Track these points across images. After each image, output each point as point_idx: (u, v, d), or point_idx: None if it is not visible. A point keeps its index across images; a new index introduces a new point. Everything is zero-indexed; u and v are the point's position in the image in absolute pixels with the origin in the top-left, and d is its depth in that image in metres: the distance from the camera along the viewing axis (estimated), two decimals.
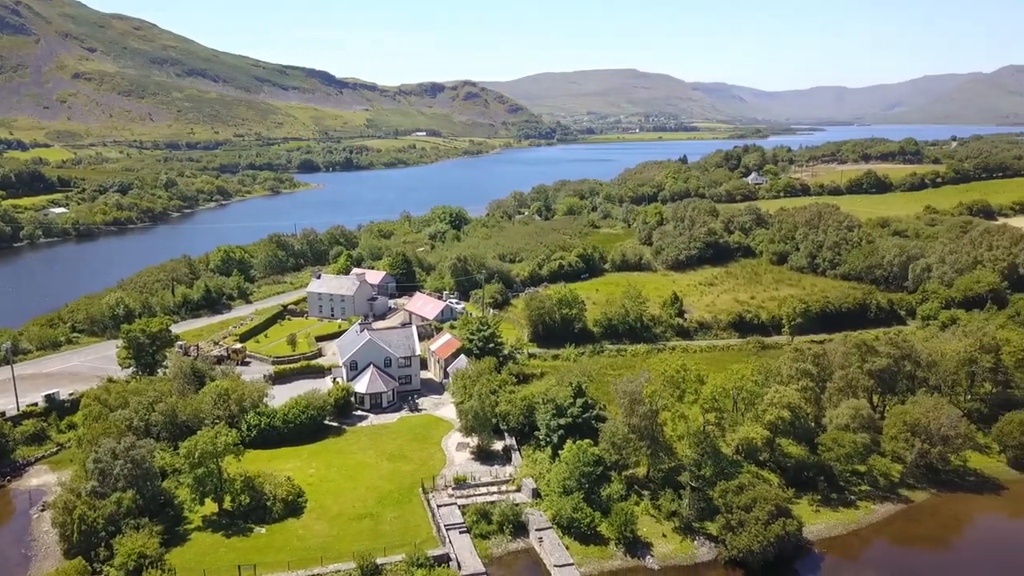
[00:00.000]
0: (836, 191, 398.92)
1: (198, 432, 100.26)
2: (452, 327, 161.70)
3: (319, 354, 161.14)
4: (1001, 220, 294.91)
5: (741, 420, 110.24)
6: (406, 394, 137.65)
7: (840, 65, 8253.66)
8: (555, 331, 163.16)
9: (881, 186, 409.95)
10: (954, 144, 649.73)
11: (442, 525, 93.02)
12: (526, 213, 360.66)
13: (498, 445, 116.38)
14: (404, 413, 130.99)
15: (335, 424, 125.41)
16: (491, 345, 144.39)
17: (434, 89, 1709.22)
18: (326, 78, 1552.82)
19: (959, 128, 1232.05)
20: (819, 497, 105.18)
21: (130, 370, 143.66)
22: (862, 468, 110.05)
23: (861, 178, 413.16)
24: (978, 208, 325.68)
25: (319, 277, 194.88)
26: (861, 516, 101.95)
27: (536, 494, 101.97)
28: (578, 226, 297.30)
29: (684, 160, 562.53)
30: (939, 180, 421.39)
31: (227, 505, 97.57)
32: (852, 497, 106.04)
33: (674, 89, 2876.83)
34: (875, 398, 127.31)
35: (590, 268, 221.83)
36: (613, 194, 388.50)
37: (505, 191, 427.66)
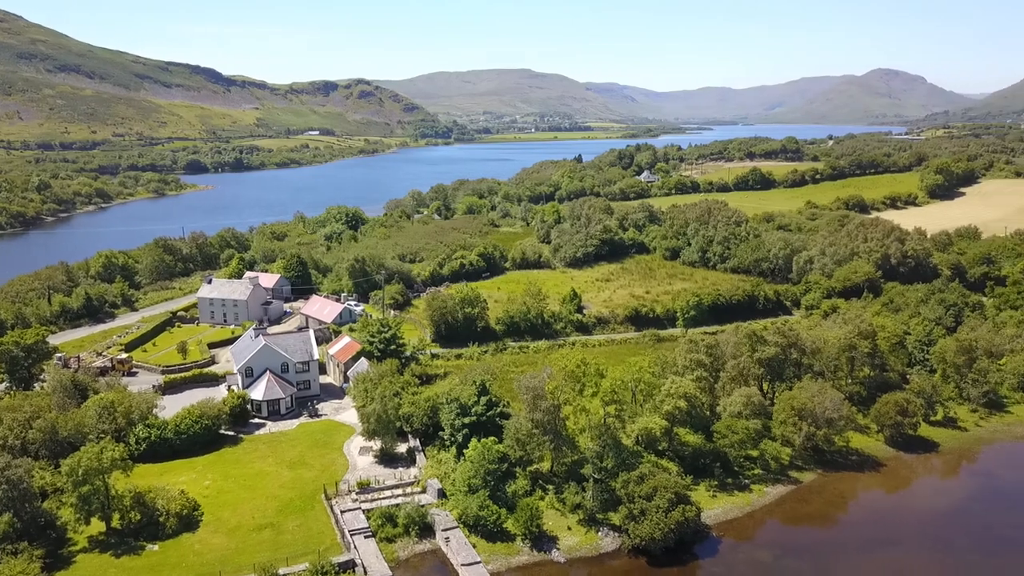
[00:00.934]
0: (724, 188, 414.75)
1: (81, 448, 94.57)
2: (352, 330, 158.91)
3: (212, 361, 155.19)
4: (874, 214, 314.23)
5: (640, 411, 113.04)
6: (305, 400, 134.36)
7: (725, 67, 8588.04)
8: (458, 330, 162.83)
9: (766, 183, 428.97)
10: (830, 143, 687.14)
11: (346, 531, 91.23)
12: (425, 212, 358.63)
13: (402, 447, 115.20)
14: (304, 419, 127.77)
15: (231, 433, 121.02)
16: (393, 347, 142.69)
17: (327, 87, 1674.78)
18: (213, 75, 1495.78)
19: (834, 127, 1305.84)
20: (716, 483, 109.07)
21: (3, 385, 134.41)
22: (755, 453, 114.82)
23: (747, 175, 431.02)
24: (854, 203, 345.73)
25: (210, 282, 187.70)
26: (755, 499, 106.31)
27: (442, 494, 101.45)
28: (478, 225, 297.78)
29: (579, 159, 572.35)
30: (818, 177, 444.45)
31: (116, 523, 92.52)
32: (746, 481, 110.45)
33: (568, 89, 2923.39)
34: (765, 385, 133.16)
35: (491, 267, 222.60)
36: (512, 193, 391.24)
37: (403, 190, 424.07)
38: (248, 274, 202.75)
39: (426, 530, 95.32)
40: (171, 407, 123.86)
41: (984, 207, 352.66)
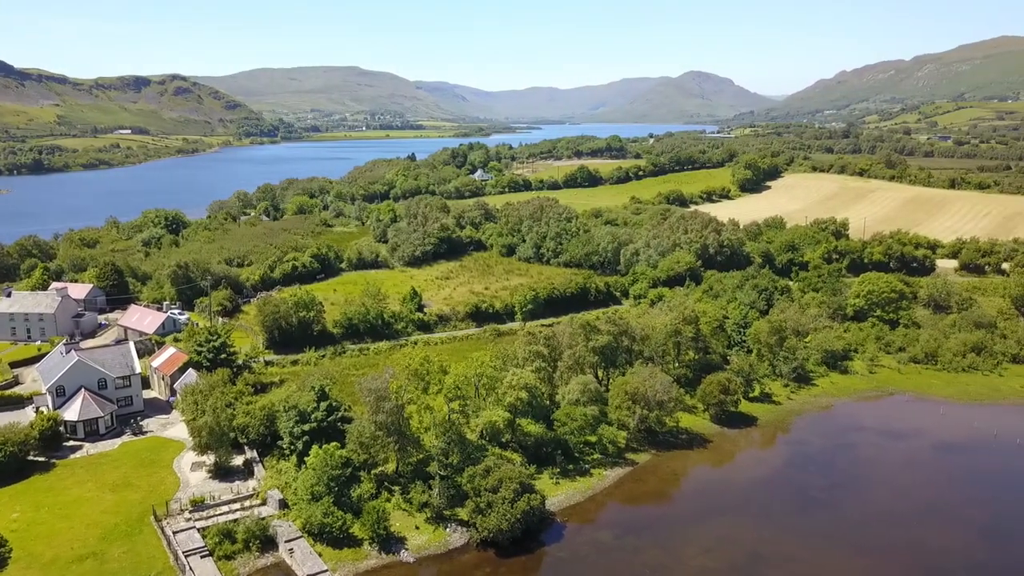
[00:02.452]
0: (555, 186, 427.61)
1: None
2: (176, 340, 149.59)
3: (15, 382, 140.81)
4: (693, 207, 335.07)
5: (484, 405, 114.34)
6: (128, 417, 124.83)
7: (551, 67, 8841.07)
8: (293, 336, 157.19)
9: (593, 180, 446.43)
10: (651, 141, 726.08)
11: (180, 552, 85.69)
12: (252, 214, 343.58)
13: (238, 460, 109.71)
14: (127, 438, 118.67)
15: (42, 459, 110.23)
16: (223, 356, 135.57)
17: (138, 83, 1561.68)
18: (3, 68, 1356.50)
19: (654, 126, 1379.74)
20: (558, 470, 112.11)
21: None
22: (593, 438, 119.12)
23: (575, 173, 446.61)
24: (674, 197, 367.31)
25: (9, 295, 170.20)
26: (595, 483, 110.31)
27: (284, 505, 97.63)
28: (310, 225, 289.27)
29: (413, 158, 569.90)
30: (641, 173, 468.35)
31: None
32: (586, 466, 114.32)
33: (398, 88, 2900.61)
34: (600, 372, 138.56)
35: (326, 268, 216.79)
36: (345, 192, 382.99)
37: (227, 191, 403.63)
38: (55, 285, 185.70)
39: (268, 543, 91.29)
40: None
41: (788, 199, 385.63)
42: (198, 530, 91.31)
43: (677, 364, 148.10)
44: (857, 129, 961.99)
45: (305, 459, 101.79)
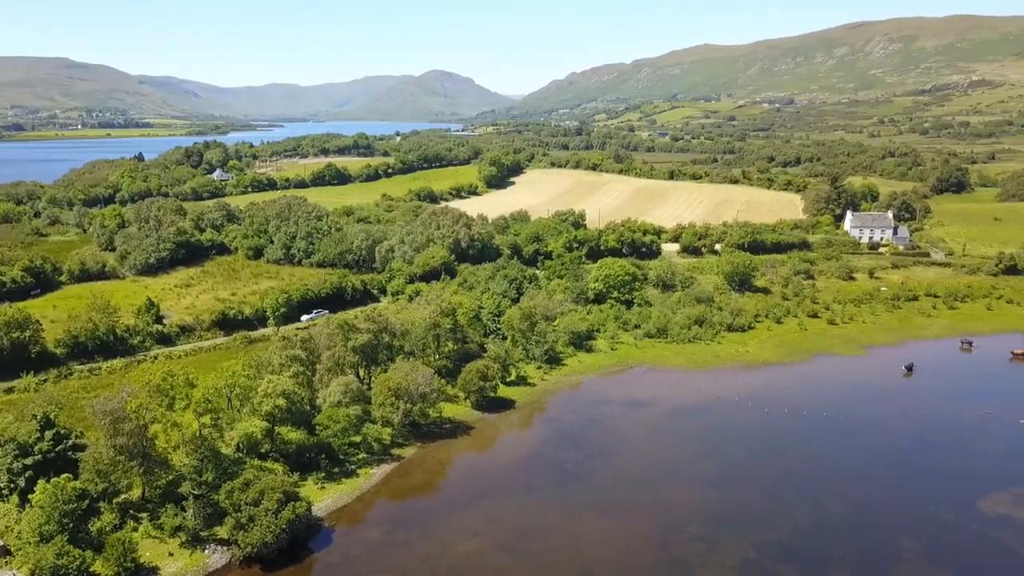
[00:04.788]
0: (302, 184, 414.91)
1: None
2: None
3: None
4: (443, 203, 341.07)
5: (238, 416, 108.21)
6: None
7: (292, 63, 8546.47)
8: (4, 360, 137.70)
9: (342, 178, 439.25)
10: (398, 139, 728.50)
11: None
12: None
13: None
14: None
15: None
16: None
17: None
18: None
19: (400, 124, 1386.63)
20: (323, 474, 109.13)
21: None
22: (358, 438, 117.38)
23: (323, 171, 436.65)
24: (425, 194, 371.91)
25: None
26: (362, 482, 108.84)
27: (6, 552, 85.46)
28: (19, 235, 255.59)
29: (141, 158, 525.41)
30: (390, 171, 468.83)
31: None
32: (352, 467, 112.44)
33: (119, 82, 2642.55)
34: (362, 371, 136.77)
35: (42, 282, 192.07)
36: (60, 197, 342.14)
37: None
38: None
39: None
40: None
41: (531, 194, 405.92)
42: None
43: (437, 356, 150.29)
44: (588, 127, 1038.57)
45: (30, 497, 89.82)
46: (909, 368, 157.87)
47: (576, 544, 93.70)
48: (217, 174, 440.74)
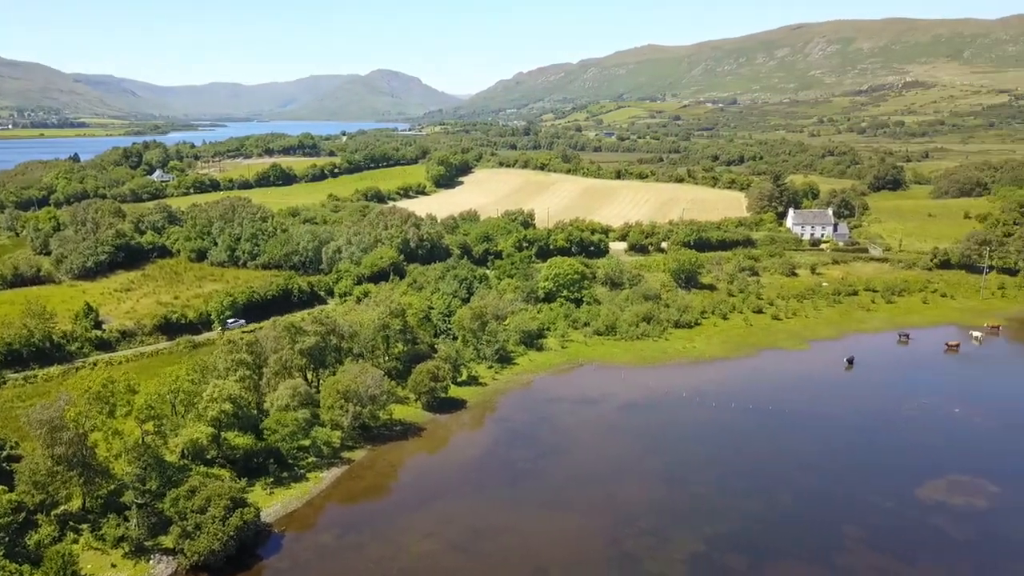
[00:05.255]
0: (246, 185, 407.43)
1: None
2: None
3: None
4: (391, 203, 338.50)
5: (183, 422, 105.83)
6: None
7: (236, 62, 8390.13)
8: None
9: (287, 178, 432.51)
10: (344, 138, 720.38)
11: None
12: None
13: None
14: None
15: None
16: None
17: None
18: None
19: (347, 124, 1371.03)
20: (272, 479, 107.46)
21: None
22: (307, 442, 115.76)
23: (268, 171, 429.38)
24: (372, 194, 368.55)
25: None
26: (312, 487, 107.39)
27: None
28: None
29: (76, 159, 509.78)
30: (336, 171, 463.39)
31: None
32: (301, 471, 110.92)
33: (52, 81, 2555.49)
34: (310, 374, 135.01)
35: None
36: None
37: None
38: None
39: None
40: None
41: (479, 193, 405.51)
42: None
43: (387, 358, 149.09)
44: (536, 127, 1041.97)
45: None
46: (850, 361, 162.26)
47: (528, 542, 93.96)
48: (157, 175, 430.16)
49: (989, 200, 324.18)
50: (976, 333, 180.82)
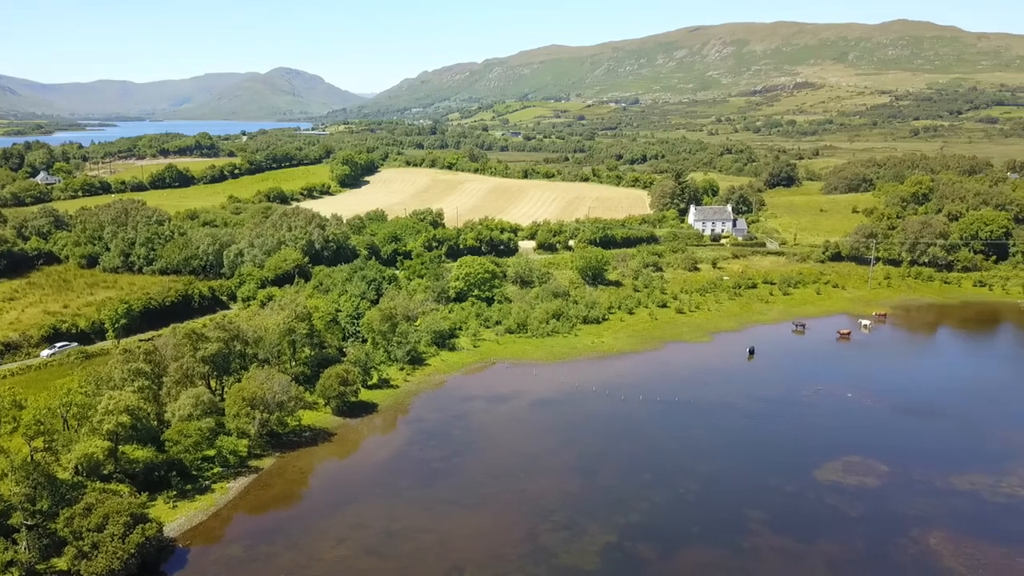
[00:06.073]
0: (140, 187, 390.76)
1: None
2: None
3: None
4: (294, 204, 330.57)
5: (76, 437, 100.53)
6: None
7: (124, 59, 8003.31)
8: None
9: (184, 180, 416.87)
10: (244, 138, 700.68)
11: None
12: None
13: None
14: None
15: None
16: None
17: None
18: None
19: (246, 123, 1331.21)
20: (175, 493, 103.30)
21: None
22: (212, 452, 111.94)
23: (163, 173, 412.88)
24: (274, 195, 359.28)
25: None
26: (218, 498, 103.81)
27: None
28: None
29: None
30: (237, 172, 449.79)
31: None
32: (206, 483, 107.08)
33: None
34: (213, 382, 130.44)
35: None
36: None
37: None
38: None
39: None
40: None
41: (386, 193, 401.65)
42: None
43: (294, 363, 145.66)
44: (443, 126, 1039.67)
45: None
46: (751, 352, 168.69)
47: (444, 541, 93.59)
48: (41, 177, 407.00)
49: (874, 195, 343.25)
50: (865, 321, 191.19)
